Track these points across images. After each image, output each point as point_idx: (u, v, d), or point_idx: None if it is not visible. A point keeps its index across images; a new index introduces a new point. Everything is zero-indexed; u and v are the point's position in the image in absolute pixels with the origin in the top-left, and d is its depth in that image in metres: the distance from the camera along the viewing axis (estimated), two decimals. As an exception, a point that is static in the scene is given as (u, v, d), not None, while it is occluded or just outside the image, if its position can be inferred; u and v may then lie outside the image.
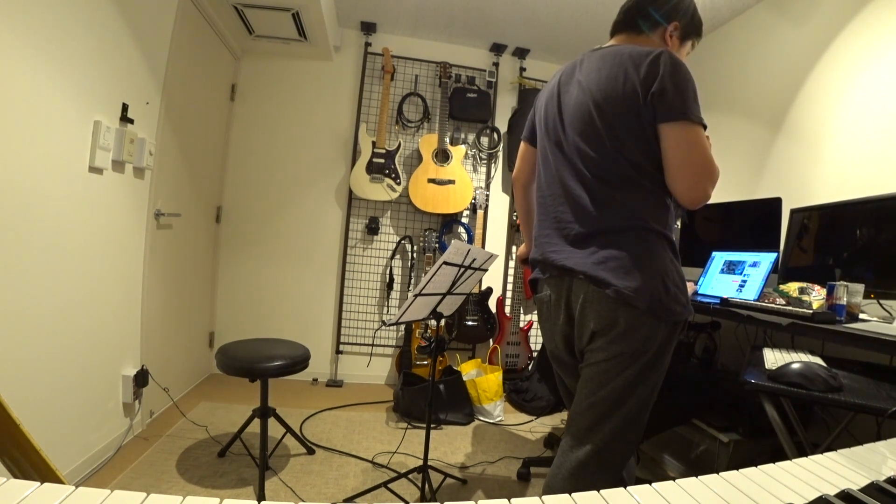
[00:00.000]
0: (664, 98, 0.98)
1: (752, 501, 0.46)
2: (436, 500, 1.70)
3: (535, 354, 3.20)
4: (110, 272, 1.81)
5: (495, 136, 3.21)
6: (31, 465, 0.85)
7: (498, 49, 3.20)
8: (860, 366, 1.36)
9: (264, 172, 3.07)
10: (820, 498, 0.45)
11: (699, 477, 0.50)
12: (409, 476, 1.82)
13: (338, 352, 3.13)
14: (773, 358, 1.28)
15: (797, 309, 1.39)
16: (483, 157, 3.24)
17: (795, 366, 1.11)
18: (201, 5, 2.35)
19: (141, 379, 2.00)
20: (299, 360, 1.78)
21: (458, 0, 2.65)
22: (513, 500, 0.44)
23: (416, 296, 1.49)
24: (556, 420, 2.68)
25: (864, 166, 1.79)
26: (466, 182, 2.97)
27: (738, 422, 1.80)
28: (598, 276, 1.01)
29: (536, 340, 3.26)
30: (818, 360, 1.21)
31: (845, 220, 1.62)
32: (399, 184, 2.93)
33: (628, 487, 0.47)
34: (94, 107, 1.62)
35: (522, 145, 1.37)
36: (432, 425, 2.31)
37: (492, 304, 3.09)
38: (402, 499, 1.72)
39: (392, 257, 3.14)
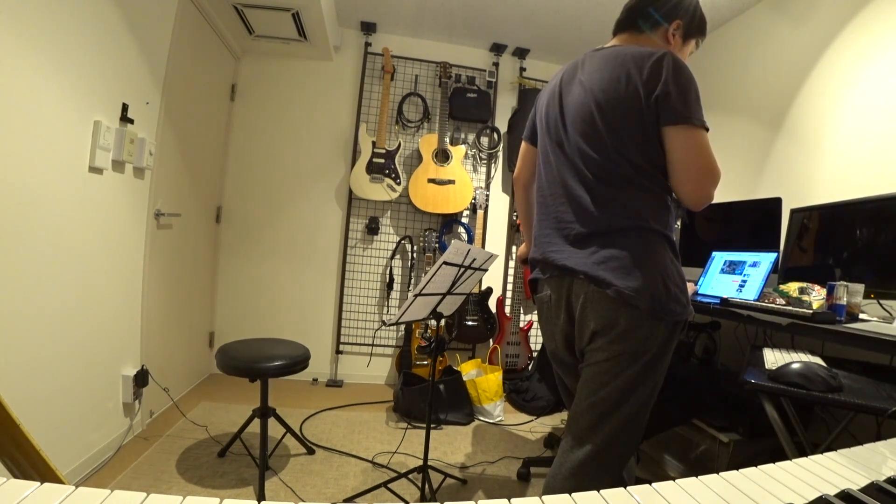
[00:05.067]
0: (668, 101, 0.98)
1: (752, 501, 0.46)
2: (436, 500, 1.70)
3: (535, 354, 3.20)
4: (110, 272, 1.81)
5: (495, 136, 3.21)
6: (31, 465, 0.85)
7: (498, 49, 3.20)
8: (860, 366, 1.36)
9: (264, 172, 3.07)
10: (820, 498, 0.45)
11: (699, 477, 0.51)
12: (409, 476, 1.82)
13: (338, 352, 3.13)
14: (773, 358, 1.28)
15: (797, 309, 1.39)
16: (483, 157, 3.24)
17: (795, 366, 1.11)
18: (201, 5, 2.35)
19: (141, 379, 2.00)
20: (299, 360, 1.78)
21: (458, 0, 2.65)
22: (513, 500, 0.44)
23: (416, 296, 1.49)
24: (556, 420, 2.68)
25: (864, 166, 1.79)
26: (466, 182, 2.97)
27: (738, 422, 1.80)
28: (599, 276, 1.01)
29: (536, 340, 3.26)
30: (818, 360, 1.21)
31: (845, 220, 1.62)
32: (399, 184, 2.93)
33: (628, 487, 0.47)
34: (94, 107, 1.62)
35: (523, 145, 1.37)
36: (432, 425, 2.31)
37: (492, 304, 3.09)
38: (402, 499, 1.72)
39: (392, 257, 3.14)
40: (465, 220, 3.17)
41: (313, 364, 2.22)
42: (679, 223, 2.38)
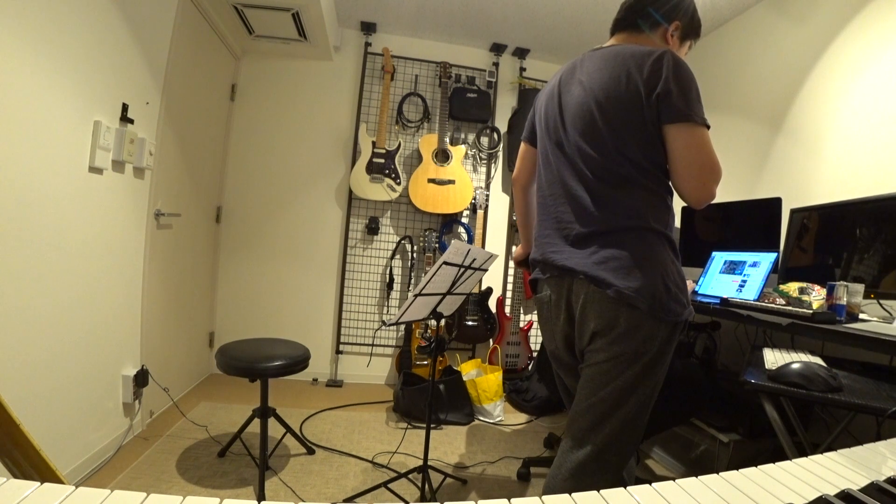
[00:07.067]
0: (669, 99, 0.98)
1: (752, 501, 0.46)
2: (436, 500, 1.70)
3: (535, 354, 3.20)
4: (110, 272, 1.81)
5: (495, 136, 3.21)
6: (31, 465, 0.85)
7: (498, 49, 3.20)
8: (860, 366, 1.36)
9: (264, 172, 3.07)
10: (820, 498, 0.45)
11: (699, 477, 0.50)
12: (409, 476, 1.82)
13: (338, 352, 3.13)
14: (773, 358, 1.28)
15: (797, 309, 1.39)
16: (483, 157, 3.24)
17: (795, 366, 1.11)
18: (201, 5, 2.35)
19: (141, 379, 2.00)
20: (299, 360, 1.78)
21: (458, 0, 2.65)
22: (513, 500, 0.44)
23: (416, 296, 1.49)
24: (556, 420, 2.68)
25: (864, 166, 1.79)
26: (466, 182, 2.97)
27: (738, 422, 1.80)
28: (599, 276, 1.01)
29: (536, 340, 3.26)
30: (818, 360, 1.21)
31: (845, 220, 1.62)
32: (399, 184, 2.93)
33: (628, 487, 0.47)
34: (94, 107, 1.62)
35: (522, 146, 1.37)
36: (432, 425, 2.31)
37: (492, 304, 3.09)
38: (402, 499, 1.72)
39: (392, 257, 3.14)
40: (465, 220, 3.17)
41: (313, 364, 2.22)
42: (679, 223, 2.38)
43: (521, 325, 3.20)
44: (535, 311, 3.41)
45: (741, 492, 0.48)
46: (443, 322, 1.77)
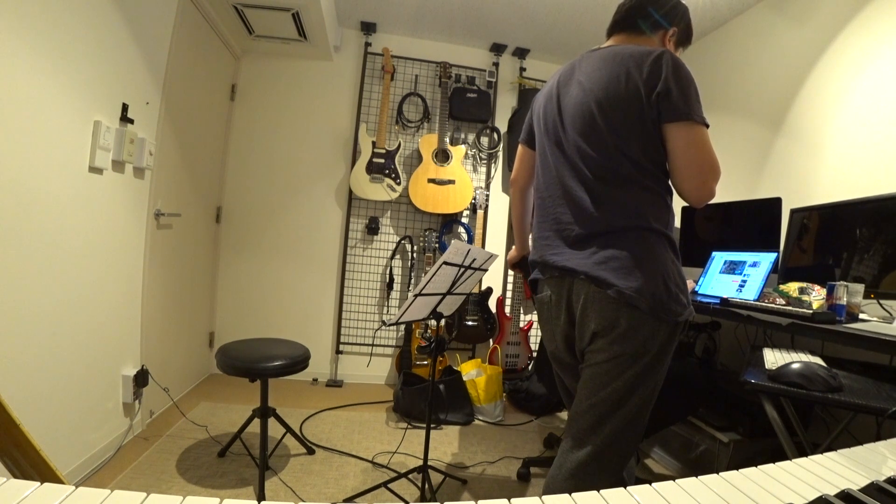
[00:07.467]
0: (668, 99, 0.98)
1: (752, 501, 0.46)
2: (436, 500, 1.70)
3: (534, 354, 3.20)
4: (110, 272, 1.81)
5: (495, 136, 3.21)
6: (31, 465, 0.85)
7: (498, 49, 3.20)
8: (860, 366, 1.36)
9: (264, 172, 3.07)
10: (820, 498, 0.45)
11: (699, 477, 0.50)
12: (409, 476, 1.82)
13: (338, 352, 3.13)
14: (773, 358, 1.28)
15: (797, 309, 1.39)
16: (483, 157, 3.24)
17: (795, 366, 1.11)
18: (201, 5, 2.35)
19: (141, 379, 2.00)
20: (299, 360, 1.78)
21: (458, 0, 2.65)
22: (513, 500, 0.44)
23: (416, 296, 1.49)
24: (556, 420, 2.68)
25: (864, 166, 1.79)
26: (466, 182, 2.97)
27: (738, 422, 1.80)
28: (600, 276, 1.01)
29: (536, 340, 3.25)
30: (818, 360, 1.21)
31: (845, 220, 1.62)
32: (399, 184, 2.93)
33: (628, 487, 0.47)
34: (94, 107, 1.62)
35: (520, 148, 1.37)
36: (432, 425, 2.31)
37: (492, 304, 3.09)
38: (402, 499, 1.72)
39: (392, 257, 3.14)
40: (465, 220, 3.17)
41: (313, 364, 2.22)
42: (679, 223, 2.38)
43: (521, 325, 3.20)
44: (536, 311, 3.41)
45: (741, 492, 0.48)
46: (443, 322, 1.77)
